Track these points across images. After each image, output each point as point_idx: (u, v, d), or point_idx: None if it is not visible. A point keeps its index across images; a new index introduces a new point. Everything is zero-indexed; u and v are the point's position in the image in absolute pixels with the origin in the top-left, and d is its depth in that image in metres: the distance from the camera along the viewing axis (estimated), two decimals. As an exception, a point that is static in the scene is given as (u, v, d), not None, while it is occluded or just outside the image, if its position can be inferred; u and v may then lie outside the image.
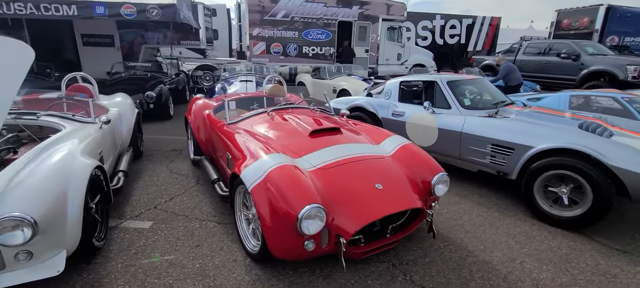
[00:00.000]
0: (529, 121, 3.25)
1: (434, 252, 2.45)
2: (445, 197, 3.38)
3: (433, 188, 2.30)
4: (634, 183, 2.46)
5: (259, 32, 11.03)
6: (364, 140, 2.72)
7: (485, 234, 2.72)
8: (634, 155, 2.50)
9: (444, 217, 2.99)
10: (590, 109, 4.73)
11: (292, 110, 3.28)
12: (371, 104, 4.44)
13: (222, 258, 2.30)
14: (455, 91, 3.79)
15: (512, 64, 7.91)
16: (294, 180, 1.98)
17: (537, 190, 2.94)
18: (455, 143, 3.57)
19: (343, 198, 2.03)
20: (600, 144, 2.65)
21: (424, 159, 2.48)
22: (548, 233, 2.74)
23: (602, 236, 2.71)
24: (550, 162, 2.79)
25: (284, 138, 2.61)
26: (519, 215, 3.05)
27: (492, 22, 19.67)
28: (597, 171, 2.57)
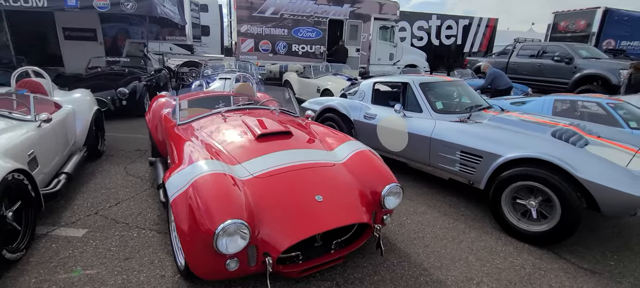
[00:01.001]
0: (501, 127, 3.05)
1: (385, 269, 2.25)
2: (413, 206, 3.20)
3: (383, 200, 2.10)
4: (605, 198, 2.26)
5: (247, 29, 10.80)
6: (317, 145, 2.52)
7: (446, 249, 2.52)
8: (605, 168, 2.31)
9: (405, 228, 2.80)
10: (575, 114, 4.54)
11: (249, 111, 3.08)
12: (343, 105, 4.24)
13: (150, 273, 2.10)
14: (427, 94, 3.59)
15: (498, 69, 7.74)
16: (219, 191, 1.78)
17: (505, 202, 2.74)
18: (425, 149, 3.37)
19: (276, 211, 1.83)
20: (572, 154, 2.46)
21: (376, 168, 2.28)
22: (514, 249, 2.55)
23: (572, 254, 2.52)
24: (518, 173, 2.59)
25: (228, 142, 2.40)
26: (487, 228, 2.86)
27: (489, 23, 19.49)
28: (565, 183, 2.37)
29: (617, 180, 2.21)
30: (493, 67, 7.49)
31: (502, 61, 12.25)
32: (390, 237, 2.65)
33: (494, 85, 7.36)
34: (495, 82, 7.26)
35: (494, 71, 7.24)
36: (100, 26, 9.39)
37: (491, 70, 7.33)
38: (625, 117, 4.22)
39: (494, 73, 7.15)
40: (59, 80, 6.33)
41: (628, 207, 2.19)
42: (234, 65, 8.31)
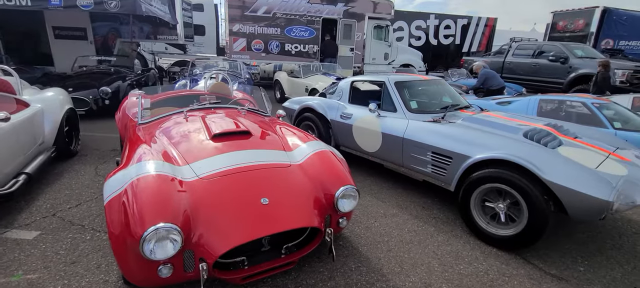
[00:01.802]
0: (473, 128, 2.96)
1: (341, 274, 2.17)
2: (384, 208, 3.11)
3: (336, 203, 2.02)
4: (571, 201, 2.16)
5: (239, 28, 10.73)
6: (277, 145, 2.43)
7: (409, 253, 2.43)
8: (572, 170, 2.21)
9: (371, 231, 2.71)
10: (559, 114, 4.44)
11: (214, 111, 3.00)
12: (321, 105, 4.15)
13: (93, 278, 2.02)
14: (402, 93, 3.49)
15: (491, 70, 7.70)
16: (153, 193, 1.69)
17: (474, 205, 2.65)
18: (398, 149, 3.28)
19: (217, 215, 1.75)
20: (540, 155, 2.36)
21: (333, 169, 2.20)
22: (481, 254, 2.46)
23: (540, 259, 2.42)
24: (486, 174, 2.50)
25: (182, 142, 2.32)
26: (457, 231, 2.76)
27: (488, 23, 19.37)
28: (532, 186, 2.28)
29: (583, 182, 2.12)
30: (486, 67, 7.48)
31: (498, 61, 12.13)
32: (353, 240, 2.57)
33: (486, 85, 7.32)
34: (487, 82, 7.23)
35: (486, 71, 7.21)
36: (90, 25, 9.34)
37: (483, 71, 7.30)
38: (610, 117, 4.11)
39: (485, 73, 7.11)
40: (43, 79, 6.28)
41: (595, 210, 2.09)
42: (224, 64, 8.22)
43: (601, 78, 6.50)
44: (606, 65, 6.51)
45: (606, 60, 6.68)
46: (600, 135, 3.12)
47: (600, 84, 6.48)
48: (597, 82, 6.56)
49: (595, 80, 6.70)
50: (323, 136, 4.06)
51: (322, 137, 4.06)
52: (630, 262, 2.45)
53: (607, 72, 6.55)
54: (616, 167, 2.37)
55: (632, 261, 2.46)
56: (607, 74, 6.55)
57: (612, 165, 2.40)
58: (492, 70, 7.66)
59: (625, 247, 2.64)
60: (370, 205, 3.18)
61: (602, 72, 6.51)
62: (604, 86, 6.43)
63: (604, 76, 6.50)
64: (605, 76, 6.50)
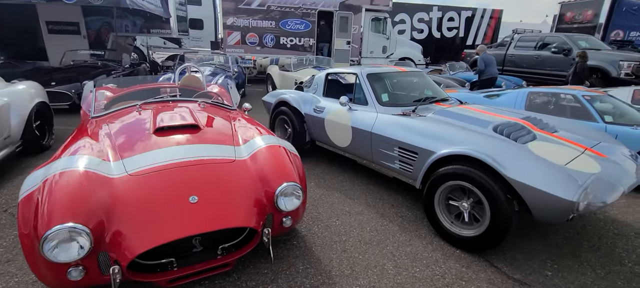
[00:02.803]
0: (443, 121, 2.79)
1: (286, 276, 2.04)
2: (351, 205, 2.98)
3: (276, 201, 1.89)
4: (534, 200, 2.00)
5: (233, 21, 10.61)
6: (226, 140, 2.31)
7: (365, 254, 2.29)
8: (537, 167, 2.04)
9: (331, 230, 2.57)
10: (548, 107, 4.22)
11: (172, 104, 2.88)
12: (296, 98, 4.00)
13: (23, 278, 1.94)
14: (374, 86, 3.33)
15: (490, 56, 7.58)
16: (70, 191, 1.60)
17: (438, 203, 2.49)
18: (367, 144, 3.13)
19: (137, 214, 1.64)
20: (506, 151, 2.19)
21: (278, 165, 2.07)
22: (442, 256, 2.31)
23: (506, 262, 2.26)
24: (450, 171, 2.34)
25: (123, 136, 2.22)
26: (422, 231, 2.61)
27: (493, 15, 18.88)
28: (495, 183, 2.11)
29: (546, 180, 1.94)
30: (486, 52, 7.52)
31: (500, 54, 11.78)
32: (309, 239, 2.44)
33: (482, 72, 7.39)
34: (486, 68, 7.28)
35: (486, 56, 7.24)
36: (83, 19, 9.30)
37: (483, 55, 7.31)
38: (602, 111, 3.89)
39: (484, 58, 7.18)
40: (28, 73, 6.26)
41: (559, 210, 1.92)
42: (214, 58, 8.11)
43: (580, 68, 6.50)
44: (583, 56, 6.51)
45: (583, 51, 6.67)
46: (584, 130, 2.92)
47: (579, 74, 6.49)
48: (576, 72, 6.56)
49: (573, 71, 6.69)
50: (297, 130, 3.92)
51: (296, 131, 3.93)
52: (605, 266, 2.27)
53: (585, 62, 6.56)
54: (589, 164, 2.19)
55: (608, 265, 2.28)
56: (585, 64, 6.56)
57: (585, 161, 2.22)
58: (492, 57, 7.59)
59: (602, 249, 2.46)
60: (337, 202, 3.04)
61: (580, 63, 6.52)
62: (583, 76, 6.46)
63: (582, 66, 6.51)
64: (583, 66, 6.52)
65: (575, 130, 2.85)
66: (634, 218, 2.94)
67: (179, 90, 3.49)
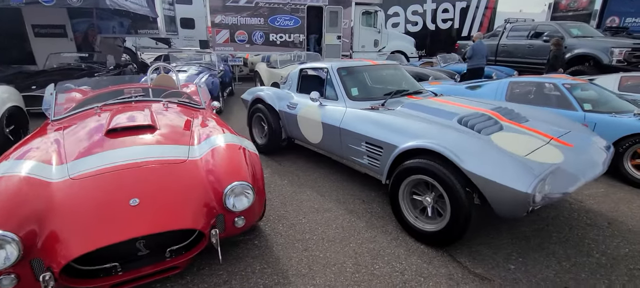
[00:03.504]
0: (410, 115, 2.73)
1: (240, 277, 2.00)
2: (320, 202, 2.93)
3: (224, 200, 1.85)
4: (491, 193, 1.94)
5: (221, 19, 10.51)
6: (182, 140, 2.26)
7: (327, 252, 2.25)
8: (495, 159, 1.98)
9: (296, 229, 2.53)
10: (528, 97, 4.15)
11: (135, 104, 2.84)
12: (270, 95, 3.95)
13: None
14: (344, 80, 3.27)
15: (481, 46, 7.75)
16: (3, 196, 1.56)
17: (402, 198, 2.44)
18: (337, 140, 3.08)
19: (74, 218, 1.60)
20: (467, 143, 2.13)
21: (231, 164, 2.02)
22: (405, 252, 2.26)
23: (469, 256, 2.21)
24: (412, 165, 2.28)
25: (75, 139, 2.18)
26: (388, 227, 2.56)
27: (488, 5, 18.67)
28: (454, 177, 2.06)
29: (501, 172, 1.89)
30: (481, 42, 7.77)
31: (492, 44, 11.67)
32: (272, 239, 2.40)
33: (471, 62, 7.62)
34: (472, 58, 7.51)
35: (476, 45, 7.46)
36: (69, 22, 9.25)
37: (474, 44, 7.53)
38: (582, 99, 3.82)
39: (474, 48, 7.40)
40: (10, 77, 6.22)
41: (516, 203, 1.87)
42: (198, 57, 8.04)
43: (553, 56, 6.77)
44: (558, 44, 6.77)
45: (558, 39, 6.94)
46: (557, 119, 2.86)
47: (552, 62, 6.74)
48: (549, 60, 6.81)
49: (548, 59, 6.93)
50: (273, 128, 3.87)
51: (272, 128, 3.88)
52: (571, 258, 2.22)
53: (560, 50, 6.82)
54: (552, 154, 2.13)
55: (574, 257, 2.23)
56: (559, 52, 6.82)
57: (548, 152, 2.16)
58: (483, 47, 7.79)
59: (571, 241, 2.40)
60: (307, 200, 3.00)
61: (554, 51, 6.78)
62: (556, 64, 6.69)
63: (555, 54, 6.75)
64: (557, 54, 6.76)
65: (548, 120, 2.79)
66: (609, 208, 2.88)
67: (149, 90, 3.44)
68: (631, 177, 3.31)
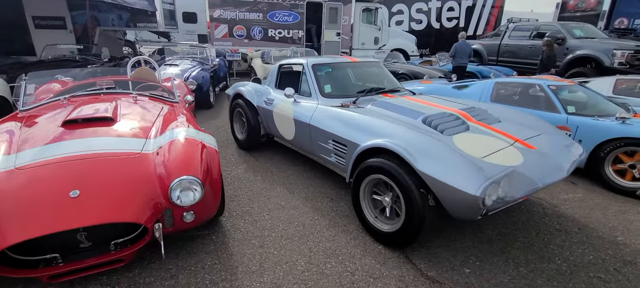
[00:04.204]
0: (378, 113, 2.69)
1: (188, 272, 2.00)
2: (287, 199, 2.92)
3: (170, 194, 1.84)
4: (443, 195, 1.90)
5: (220, 13, 10.52)
6: (140, 133, 2.25)
7: (282, 250, 2.23)
8: (449, 160, 1.92)
9: (256, 225, 2.52)
10: (513, 98, 4.06)
11: (103, 96, 2.84)
12: (250, 91, 3.93)
13: None
14: (318, 76, 3.23)
15: (464, 44, 7.95)
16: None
17: (363, 197, 2.41)
18: (307, 137, 3.05)
19: (13, 208, 1.61)
20: (425, 143, 2.08)
21: (181, 159, 2.00)
22: (361, 252, 2.23)
23: (425, 258, 2.17)
24: (371, 164, 2.24)
25: (30, 129, 2.19)
26: (351, 226, 2.53)
27: (495, 4, 18.35)
28: (409, 177, 2.01)
29: (452, 173, 1.84)
30: (464, 40, 7.98)
31: (494, 44, 11.48)
32: (231, 234, 2.39)
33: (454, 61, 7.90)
34: (455, 56, 7.76)
35: (459, 44, 7.68)
36: (69, 14, 9.34)
37: (457, 43, 7.74)
38: (567, 100, 3.72)
39: (456, 46, 7.65)
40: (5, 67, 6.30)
41: (466, 205, 1.82)
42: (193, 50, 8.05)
43: (545, 57, 6.90)
44: (550, 45, 6.88)
45: (550, 40, 7.03)
46: (530, 121, 2.78)
47: (545, 62, 6.88)
48: (542, 60, 6.96)
49: (541, 59, 7.08)
50: (251, 124, 3.86)
51: (250, 124, 3.86)
52: (530, 263, 2.16)
53: (552, 51, 6.91)
54: (511, 157, 2.07)
55: (534, 263, 2.17)
56: (551, 52, 6.92)
57: (508, 154, 2.10)
58: (466, 46, 7.96)
59: (535, 246, 2.34)
60: (275, 196, 2.98)
61: (546, 51, 6.91)
62: (549, 64, 6.85)
63: (548, 55, 6.88)
64: (549, 55, 6.88)
65: (521, 122, 2.72)
66: (583, 213, 2.81)
67: (126, 82, 3.45)
68: (612, 182, 3.21)
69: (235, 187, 3.14)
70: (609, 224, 2.65)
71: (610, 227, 2.62)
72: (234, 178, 3.31)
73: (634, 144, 3.04)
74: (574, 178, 3.51)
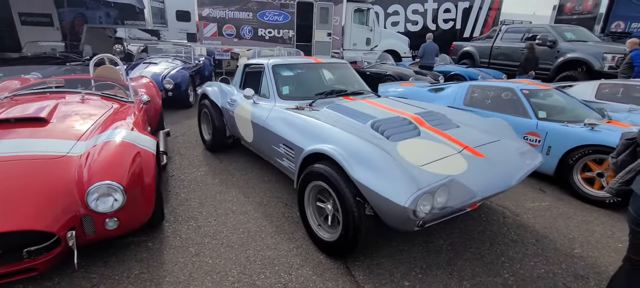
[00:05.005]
0: (330, 116, 2.59)
1: (110, 282, 1.90)
2: (240, 204, 2.83)
3: (87, 200, 1.75)
4: (375, 203, 1.80)
5: (209, 12, 10.44)
6: (73, 134, 2.17)
7: (218, 259, 2.13)
8: (382, 167, 1.81)
9: (200, 231, 2.42)
10: (485, 102, 3.96)
11: (49, 95, 2.76)
12: (215, 91, 3.84)
13: None
14: (278, 77, 3.14)
15: (431, 45, 8.48)
16: None
17: (308, 204, 2.32)
18: (263, 139, 2.95)
19: None
20: (364, 149, 1.97)
21: (106, 163, 1.90)
22: (301, 261, 2.13)
23: (367, 269, 2.07)
24: (314, 170, 2.14)
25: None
26: (298, 234, 2.44)
27: (492, 6, 18.23)
28: (347, 184, 1.92)
29: (385, 182, 1.74)
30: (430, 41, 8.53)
31: (486, 46, 11.37)
32: (169, 241, 2.29)
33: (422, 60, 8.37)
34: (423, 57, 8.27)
35: (427, 45, 8.29)
36: (55, 11, 9.27)
37: (426, 44, 8.34)
38: (538, 105, 3.61)
39: (424, 47, 8.27)
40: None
41: (398, 216, 1.72)
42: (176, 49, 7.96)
43: (524, 59, 7.25)
44: (531, 47, 7.19)
45: (531, 43, 7.32)
46: (492, 127, 2.68)
47: (524, 64, 7.20)
48: (521, 63, 7.28)
49: (521, 62, 7.38)
50: (216, 125, 3.76)
51: (215, 125, 3.77)
52: (476, 276, 2.06)
53: (532, 53, 7.17)
54: (454, 165, 1.97)
55: (480, 276, 2.07)
56: (531, 55, 7.19)
57: (453, 162, 2.00)
58: (433, 47, 8.51)
59: (485, 258, 2.24)
60: (229, 200, 2.89)
61: (526, 54, 7.25)
62: (528, 67, 7.14)
63: (527, 57, 7.21)
64: (528, 57, 7.19)
65: (480, 127, 2.62)
66: (545, 224, 2.70)
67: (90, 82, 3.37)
68: (580, 191, 3.10)
69: (189, 190, 3.05)
70: (570, 235, 2.55)
71: (569, 238, 2.51)
72: (191, 181, 3.22)
73: (602, 151, 2.93)
74: (544, 185, 3.40)
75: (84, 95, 2.82)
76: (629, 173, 1.41)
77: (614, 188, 1.46)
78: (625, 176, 1.43)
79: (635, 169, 1.40)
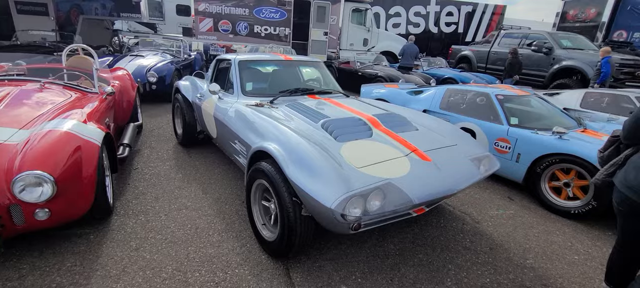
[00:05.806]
0: (286, 114, 2.55)
1: (39, 273, 1.88)
2: (197, 201, 2.80)
3: (12, 189, 1.72)
4: (308, 204, 1.75)
5: (205, 7, 10.42)
6: (16, 122, 2.14)
7: (156, 255, 2.10)
8: (315, 167, 1.76)
9: (148, 226, 2.39)
10: (461, 107, 3.89)
11: (8, 82, 2.74)
12: (187, 85, 3.81)
13: None
14: (243, 73, 3.10)
15: (412, 47, 8.61)
16: None
17: (254, 202, 2.27)
18: (223, 135, 2.92)
19: None
20: (305, 150, 1.92)
21: (38, 152, 1.87)
22: (240, 260, 2.10)
23: (306, 272, 2.03)
24: (257, 168, 2.10)
25: None
26: (245, 233, 2.40)
27: (495, 11, 18.11)
28: (284, 183, 1.87)
29: (316, 183, 1.69)
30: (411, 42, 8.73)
31: (484, 51, 11.26)
32: (112, 235, 2.26)
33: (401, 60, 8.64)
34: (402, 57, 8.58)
35: (406, 46, 8.60)
36: (51, 0, 9.32)
37: (406, 45, 8.67)
38: (512, 111, 3.55)
39: (404, 48, 8.64)
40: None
41: (329, 219, 1.67)
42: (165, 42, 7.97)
43: (508, 64, 7.46)
44: (514, 53, 7.38)
45: (514, 48, 7.56)
46: (451, 131, 2.62)
47: (507, 69, 7.41)
48: (505, 68, 7.47)
49: (505, 66, 7.58)
50: (186, 119, 3.73)
51: (185, 119, 3.74)
52: (417, 283, 2.01)
53: (515, 58, 7.37)
54: (396, 168, 1.92)
55: (422, 283, 2.01)
56: (514, 60, 7.39)
57: (395, 165, 1.95)
58: (413, 49, 8.65)
59: (432, 265, 2.19)
60: (185, 196, 2.86)
61: (510, 59, 7.45)
62: (512, 71, 7.34)
63: (510, 62, 7.42)
64: (512, 62, 7.39)
65: (440, 131, 2.56)
66: (504, 232, 2.64)
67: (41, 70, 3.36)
68: (546, 200, 3.03)
69: (149, 183, 3.02)
70: (526, 245, 2.48)
71: (525, 248, 2.45)
72: (152, 175, 3.19)
73: (569, 160, 2.86)
74: (514, 193, 3.33)
75: (43, 84, 2.80)
76: (612, 166, 1.62)
77: (599, 180, 1.68)
78: (609, 169, 1.64)
79: (617, 163, 1.60)
